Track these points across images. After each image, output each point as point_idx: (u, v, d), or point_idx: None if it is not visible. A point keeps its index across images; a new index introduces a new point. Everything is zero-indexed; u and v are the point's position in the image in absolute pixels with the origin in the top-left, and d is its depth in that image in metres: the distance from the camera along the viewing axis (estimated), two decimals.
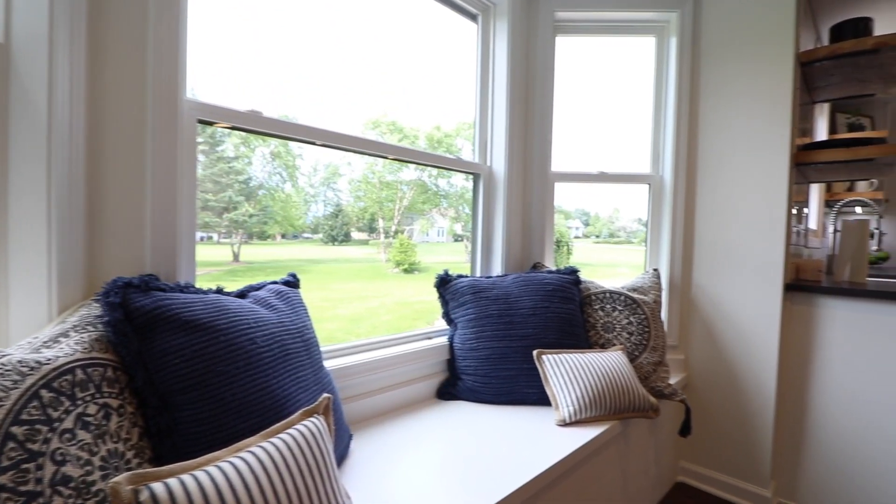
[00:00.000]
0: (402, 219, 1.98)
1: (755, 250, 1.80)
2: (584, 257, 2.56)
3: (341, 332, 1.82)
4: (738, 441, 1.86)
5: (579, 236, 2.58)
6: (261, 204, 1.57)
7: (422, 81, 1.83)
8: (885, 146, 1.59)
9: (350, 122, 1.59)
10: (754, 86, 1.80)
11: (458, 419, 1.36)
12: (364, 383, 1.35)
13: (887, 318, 1.63)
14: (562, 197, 2.49)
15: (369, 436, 1.23)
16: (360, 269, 1.99)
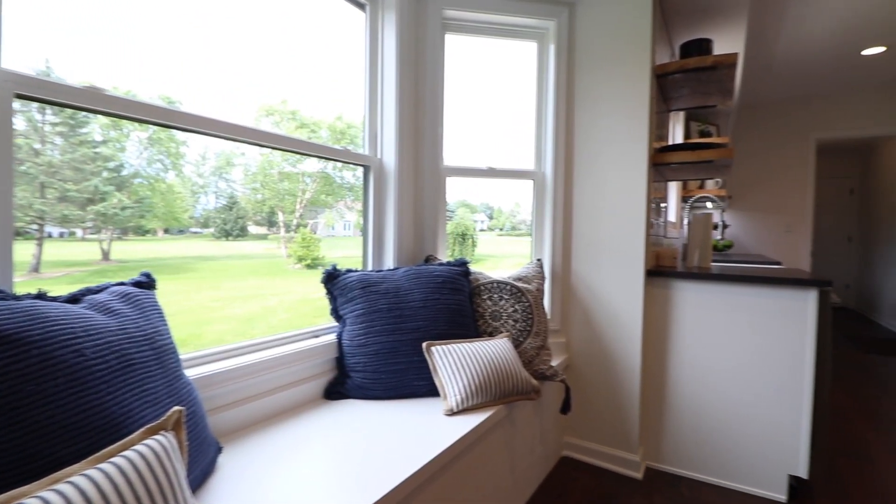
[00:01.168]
0: (305, 212, 1.88)
1: (621, 241, 1.99)
2: (489, 249, 2.65)
3: (232, 335, 1.67)
4: (612, 413, 2.06)
5: (484, 229, 2.65)
6: (137, 195, 1.39)
7: (320, 68, 1.74)
8: (720, 150, 1.86)
9: (239, 108, 1.46)
10: (619, 93, 1.99)
11: (345, 419, 1.32)
12: (241, 389, 1.25)
13: (724, 297, 1.91)
14: (467, 192, 2.55)
15: (246, 446, 1.15)
16: (257, 265, 1.85)
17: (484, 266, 2.49)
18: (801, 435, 1.80)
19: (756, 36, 3.11)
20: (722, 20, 2.31)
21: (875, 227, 6.25)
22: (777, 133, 4.63)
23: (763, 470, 1.87)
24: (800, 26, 3.00)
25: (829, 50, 3.37)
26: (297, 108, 1.77)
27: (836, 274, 7.05)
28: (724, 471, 1.94)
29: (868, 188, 6.56)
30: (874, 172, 6.34)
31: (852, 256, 6.94)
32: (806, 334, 1.77)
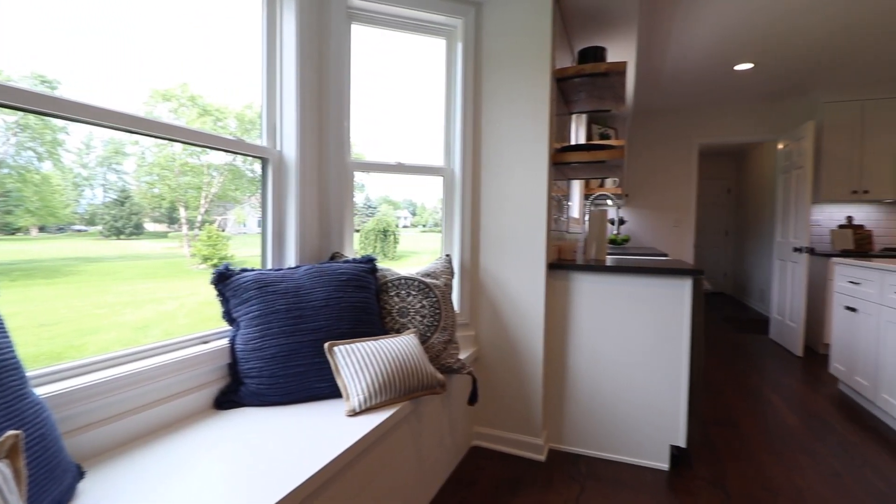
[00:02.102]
0: (211, 207, 1.72)
1: (525, 236, 2.08)
2: (411, 246, 2.63)
3: (121, 344, 1.49)
4: (518, 401, 2.15)
5: (407, 226, 2.63)
6: (2, 187, 1.20)
7: (224, 51, 1.61)
8: (612, 151, 2.00)
9: (127, 91, 1.31)
10: (522, 94, 2.07)
11: (237, 428, 1.24)
12: (112, 404, 1.12)
13: (615, 286, 2.07)
14: (390, 188, 2.51)
15: (116, 468, 1.03)
16: (155, 266, 1.67)
17: (406, 262, 2.47)
18: (680, 408, 2.01)
19: (646, 48, 3.40)
20: (615, 31, 2.49)
21: (747, 223, 7.15)
22: (666, 137, 5.12)
23: (649, 442, 2.06)
24: (683, 41, 3.33)
25: (707, 64, 3.77)
26: (200, 93, 1.63)
27: (715, 263, 7.97)
28: (616, 446, 2.11)
29: (741, 188, 7.49)
30: (746, 174, 7.24)
31: (729, 248, 7.88)
32: (683, 317, 1.98)
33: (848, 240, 4.23)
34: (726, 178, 7.86)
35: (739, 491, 1.89)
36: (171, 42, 1.46)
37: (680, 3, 2.76)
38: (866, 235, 4.24)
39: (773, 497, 1.85)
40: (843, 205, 4.50)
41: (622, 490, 1.88)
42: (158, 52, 1.43)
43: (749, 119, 4.87)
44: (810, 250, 3.98)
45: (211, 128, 1.68)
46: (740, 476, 2.01)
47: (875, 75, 3.98)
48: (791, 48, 3.44)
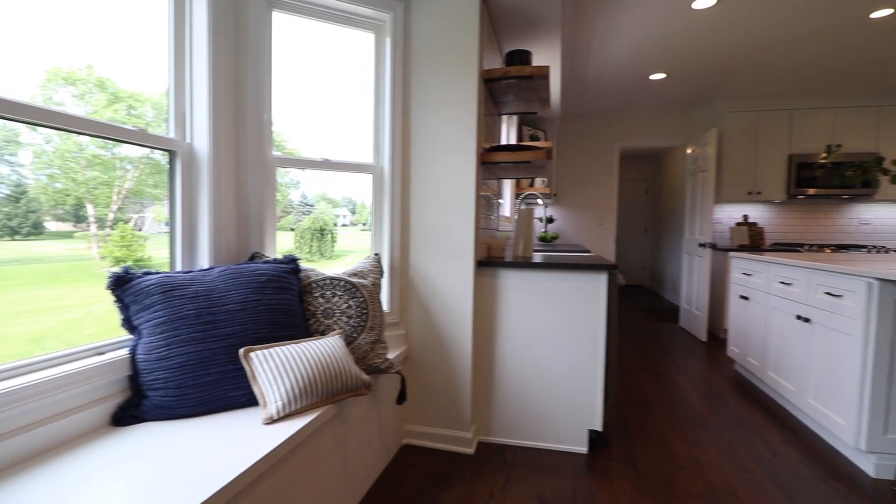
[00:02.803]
0: (125, 205, 1.56)
1: (455, 234, 2.11)
2: (350, 245, 2.56)
3: (9, 359, 1.31)
4: (448, 397, 2.18)
5: (346, 224, 2.55)
6: None
7: (135, 31, 1.46)
8: (535, 152, 2.08)
9: (17, 71, 1.14)
10: (451, 94, 2.08)
11: (138, 446, 1.15)
12: None
13: (539, 282, 2.16)
14: (329, 185, 2.41)
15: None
16: (58, 270, 1.48)
17: (344, 262, 2.40)
18: (597, 395, 2.14)
19: (571, 54, 3.56)
20: (540, 36, 2.58)
21: (662, 221, 7.74)
22: (591, 140, 5.40)
23: (570, 428, 2.18)
24: (604, 50, 3.52)
25: (625, 72, 4.02)
26: (110, 77, 1.47)
27: (635, 258, 8.57)
28: (541, 434, 2.21)
29: (658, 189, 8.09)
30: (662, 176, 7.83)
31: (647, 244, 8.50)
32: (599, 309, 2.10)
33: (744, 236, 4.72)
34: (645, 180, 8.45)
35: (649, 468, 2.05)
36: (72, 15, 1.31)
37: (600, 15, 2.92)
38: (759, 232, 4.75)
39: (678, 470, 2.03)
40: (741, 204, 5.01)
41: (544, 475, 1.97)
42: (56, 25, 1.27)
43: (663, 125, 5.26)
44: (713, 246, 4.39)
45: (124, 116, 1.54)
46: (650, 454, 2.18)
47: (767, 89, 4.46)
48: (697, 61, 3.76)
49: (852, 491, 1.89)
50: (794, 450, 2.25)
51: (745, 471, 2.04)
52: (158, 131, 1.56)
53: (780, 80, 4.21)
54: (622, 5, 2.83)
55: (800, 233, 4.93)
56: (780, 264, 2.78)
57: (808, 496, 1.85)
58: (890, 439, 1.96)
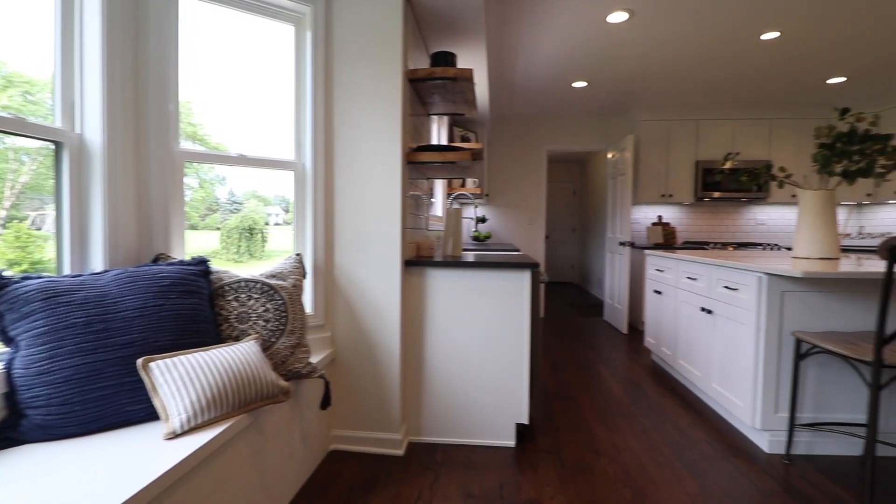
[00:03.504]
0: (21, 201, 1.38)
1: (381, 233, 2.08)
2: (283, 245, 2.42)
3: None
4: (377, 399, 2.14)
5: (280, 223, 2.42)
6: None
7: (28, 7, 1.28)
8: (459, 153, 2.10)
9: None
10: (376, 92, 2.06)
11: (12, 472, 1.01)
12: None
13: (467, 280, 2.19)
14: (260, 183, 2.25)
15: None
16: None
17: (276, 262, 2.26)
18: (523, 389, 2.20)
19: (498, 59, 3.66)
20: (466, 39, 2.62)
21: (588, 221, 8.16)
22: (521, 143, 5.58)
23: (498, 423, 2.22)
24: (530, 57, 3.65)
25: (550, 79, 4.19)
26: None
27: (565, 256, 8.97)
28: (470, 431, 2.23)
29: (584, 191, 8.52)
30: (588, 179, 8.26)
31: (575, 243, 8.92)
32: (524, 306, 2.17)
33: (659, 235, 5.09)
34: (573, 182, 8.87)
35: (572, 456, 2.14)
36: None
37: (523, 23, 3.02)
38: (672, 231, 5.15)
39: (598, 457, 2.14)
40: (656, 206, 5.40)
41: (472, 471, 1.99)
42: None
43: (586, 130, 5.55)
44: (631, 244, 4.69)
45: (19, 104, 1.36)
46: (573, 443, 2.27)
47: (677, 100, 4.84)
48: (614, 72, 4.00)
49: (750, 466, 2.09)
50: (701, 431, 2.45)
51: (658, 454, 2.19)
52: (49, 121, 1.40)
53: (687, 93, 4.59)
54: (543, 16, 2.94)
55: (707, 232, 5.40)
56: (686, 261, 3.03)
57: (711, 473, 2.02)
58: (780, 417, 2.19)
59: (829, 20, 3.04)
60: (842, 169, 2.49)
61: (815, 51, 3.54)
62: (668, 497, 1.82)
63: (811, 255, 2.56)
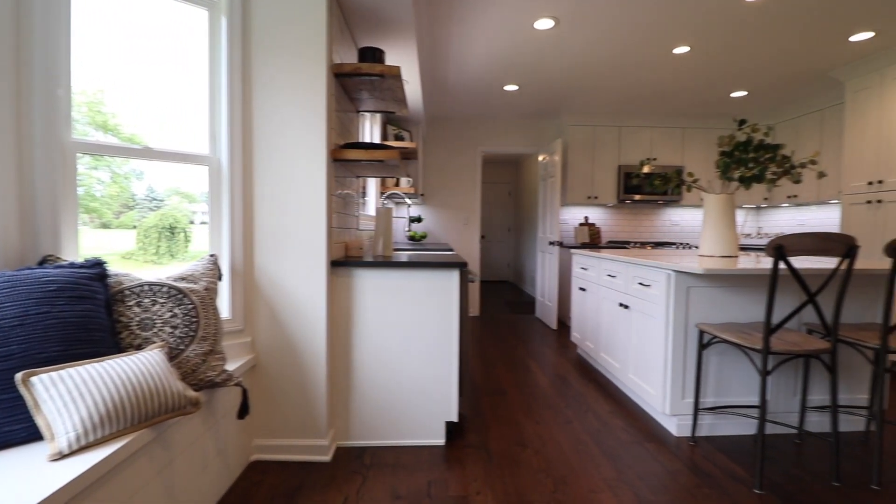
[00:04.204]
0: None
1: (305, 233, 2.01)
2: (209, 245, 2.23)
3: None
4: (302, 405, 2.07)
5: (206, 222, 2.23)
6: None
7: None
8: (387, 151, 2.08)
9: None
10: (299, 85, 1.98)
11: None
12: None
13: (397, 280, 2.17)
14: (183, 178, 2.05)
15: None
16: None
17: (187, 264, 2.09)
18: (452, 387, 2.22)
19: (430, 59, 3.67)
20: (395, 36, 2.60)
21: (523, 221, 8.42)
22: (456, 143, 5.65)
23: (428, 422, 2.23)
24: (462, 58, 3.69)
25: (483, 81, 4.27)
26: None
27: (501, 256, 9.20)
28: (399, 432, 2.22)
29: (519, 191, 8.78)
30: (522, 180, 8.52)
31: (511, 242, 9.17)
32: (452, 305, 2.19)
33: (585, 235, 5.36)
34: (508, 183, 9.11)
35: (499, 450, 2.19)
36: None
37: (454, 25, 3.05)
38: (597, 231, 5.44)
39: (524, 449, 2.21)
40: (583, 207, 5.68)
41: (401, 472, 1.98)
42: None
43: (519, 133, 5.72)
44: (560, 244, 4.90)
45: None
46: (501, 437, 2.33)
47: (601, 107, 5.12)
48: (543, 77, 4.15)
49: (660, 449, 2.25)
50: (619, 419, 2.60)
51: (579, 442, 2.30)
52: None
53: (610, 101, 4.87)
54: (473, 18, 2.99)
55: (629, 232, 5.76)
56: (606, 260, 3.21)
57: (626, 458, 2.15)
58: (686, 403, 2.38)
59: (733, 39, 3.35)
60: (739, 175, 2.75)
61: (720, 66, 3.88)
62: (587, 483, 1.92)
63: (714, 254, 2.80)
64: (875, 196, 3.61)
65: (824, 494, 1.86)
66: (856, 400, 2.46)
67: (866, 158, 3.70)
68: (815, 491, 1.88)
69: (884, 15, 2.93)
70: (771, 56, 3.64)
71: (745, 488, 1.90)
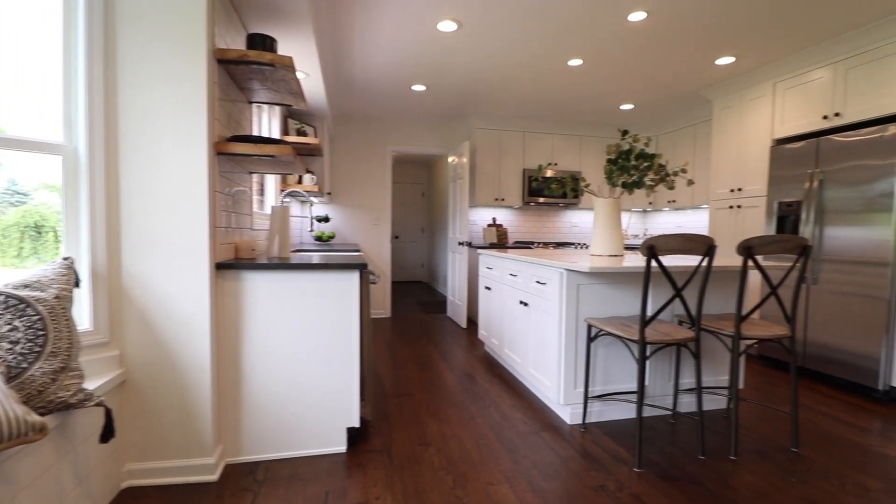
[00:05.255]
0: None
1: (184, 233, 1.83)
2: None
3: None
4: (183, 422, 1.88)
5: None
6: None
7: None
8: (279, 146, 1.97)
9: None
10: (176, 70, 1.80)
11: None
12: None
13: (293, 283, 2.06)
14: (52, 171, 1.71)
15: None
16: None
17: (34, 269, 1.78)
18: (353, 392, 2.16)
19: (334, 53, 3.55)
20: (290, 25, 2.47)
21: (435, 221, 8.51)
22: (366, 141, 5.55)
23: (328, 430, 2.15)
24: (368, 54, 3.62)
25: (391, 79, 4.24)
26: None
27: (414, 256, 9.22)
28: (296, 443, 2.11)
29: (432, 192, 8.86)
30: (434, 181, 8.61)
31: (425, 243, 9.23)
32: (353, 307, 2.13)
33: (493, 235, 5.54)
34: (421, 183, 9.16)
35: (402, 452, 2.17)
36: None
37: (356, 19, 2.98)
38: (504, 232, 5.66)
39: (426, 449, 2.21)
40: (490, 208, 5.87)
41: (297, 484, 1.88)
42: None
43: (429, 134, 5.76)
44: (468, 244, 5.02)
45: None
46: (405, 439, 2.32)
47: (506, 112, 5.33)
48: (450, 79, 4.22)
49: (555, 437, 2.38)
50: (519, 412, 2.71)
51: (481, 437, 2.36)
52: None
53: (514, 106, 5.09)
54: (376, 12, 2.95)
55: (533, 233, 6.07)
56: (509, 259, 3.34)
57: (524, 449, 2.25)
58: (577, 392, 2.55)
59: (619, 56, 3.65)
60: (622, 181, 3.01)
61: (610, 80, 4.23)
62: (486, 476, 1.97)
63: (603, 253, 3.04)
64: (736, 202, 4.16)
65: (691, 467, 2.09)
66: (720, 381, 2.81)
67: (729, 169, 4.25)
68: (684, 465, 2.11)
69: (742, 42, 3.38)
70: (652, 73, 4.04)
71: (626, 468, 2.07)
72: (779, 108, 3.77)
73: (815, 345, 3.37)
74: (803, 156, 3.47)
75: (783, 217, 3.62)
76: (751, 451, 2.25)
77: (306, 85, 3.50)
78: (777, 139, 3.79)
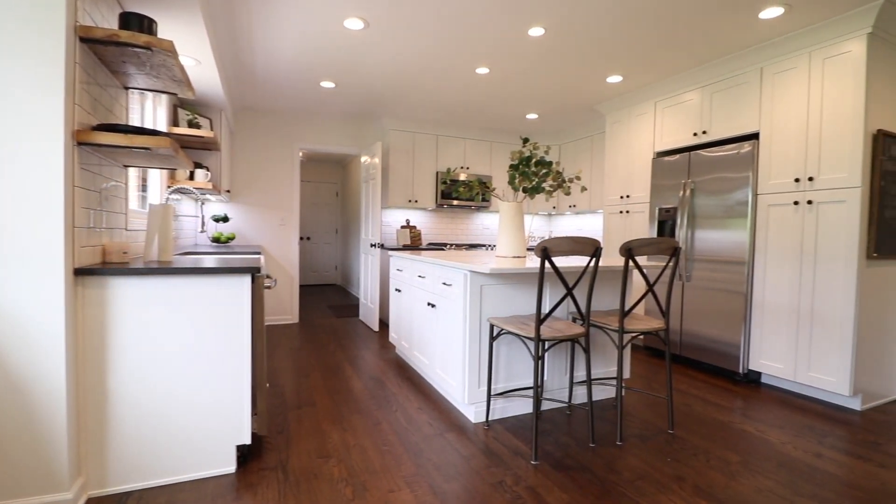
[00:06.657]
0: None
1: (28, 233, 1.57)
2: None
3: None
4: (30, 454, 1.61)
5: None
6: None
7: None
8: (155, 138, 1.77)
9: None
10: (25, 45, 1.54)
11: None
12: None
13: (174, 290, 1.86)
14: None
15: None
16: None
17: None
18: (244, 407, 2.01)
19: (231, 42, 3.30)
20: (178, 8, 2.25)
21: (349, 222, 8.30)
22: (270, 138, 5.25)
23: (213, 450, 1.97)
24: (271, 47, 3.41)
25: (297, 73, 4.04)
26: None
27: (328, 257, 8.92)
28: (177, 467, 1.91)
29: (346, 192, 8.63)
30: (348, 180, 8.40)
31: (338, 244, 8.96)
32: (243, 316, 1.98)
33: (406, 237, 5.53)
34: (335, 183, 8.88)
35: (298, 466, 2.06)
36: None
37: (255, 8, 2.79)
38: (418, 234, 5.67)
39: (326, 461, 2.12)
40: (404, 210, 5.86)
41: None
42: None
43: (340, 132, 5.60)
44: (381, 246, 4.95)
45: None
46: (303, 452, 2.20)
47: (419, 115, 5.34)
48: (360, 78, 4.13)
49: (460, 437, 2.41)
50: (425, 414, 2.71)
51: (385, 443, 2.32)
52: None
53: (427, 109, 5.12)
54: (274, 6, 2.79)
55: (447, 234, 6.15)
56: (417, 261, 3.34)
57: (427, 451, 2.24)
58: (481, 391, 2.60)
59: (521, 67, 3.82)
60: (523, 186, 3.14)
61: (514, 90, 4.41)
62: (387, 484, 1.94)
63: (507, 254, 3.15)
64: (625, 207, 4.54)
65: (582, 455, 2.23)
66: (609, 373, 3.04)
67: (619, 177, 4.64)
68: (576, 454, 2.24)
69: (629, 63, 3.70)
70: (552, 86, 4.28)
71: (524, 462, 2.15)
72: (659, 124, 4.19)
73: (689, 335, 3.79)
74: (678, 167, 3.89)
75: (663, 221, 4.03)
76: (634, 435, 2.46)
77: (198, 73, 3.21)
78: (658, 152, 4.22)
